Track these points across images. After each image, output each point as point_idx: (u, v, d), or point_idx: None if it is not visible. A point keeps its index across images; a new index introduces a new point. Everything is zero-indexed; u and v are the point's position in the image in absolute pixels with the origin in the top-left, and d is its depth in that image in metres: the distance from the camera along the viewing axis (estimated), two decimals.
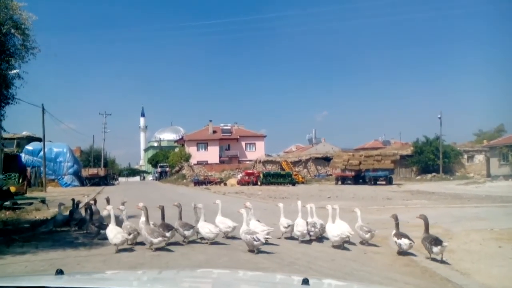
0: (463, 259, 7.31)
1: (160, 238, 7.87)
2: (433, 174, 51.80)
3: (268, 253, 7.92)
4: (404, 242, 7.54)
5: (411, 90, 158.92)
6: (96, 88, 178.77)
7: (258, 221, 8.86)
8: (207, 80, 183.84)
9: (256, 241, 7.65)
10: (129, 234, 8.13)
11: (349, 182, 44.65)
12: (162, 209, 8.88)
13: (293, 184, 43.94)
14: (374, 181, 42.28)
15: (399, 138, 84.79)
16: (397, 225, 7.90)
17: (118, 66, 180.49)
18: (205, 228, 8.45)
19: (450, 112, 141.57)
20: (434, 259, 7.19)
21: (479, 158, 55.13)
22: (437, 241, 7.10)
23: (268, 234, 8.37)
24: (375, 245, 8.73)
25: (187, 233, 8.60)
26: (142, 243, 8.41)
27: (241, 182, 45.59)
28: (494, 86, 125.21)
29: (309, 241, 9.09)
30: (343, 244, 8.39)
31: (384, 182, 42.21)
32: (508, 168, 46.06)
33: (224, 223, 9.02)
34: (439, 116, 54.62)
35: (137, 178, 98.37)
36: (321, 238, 9.21)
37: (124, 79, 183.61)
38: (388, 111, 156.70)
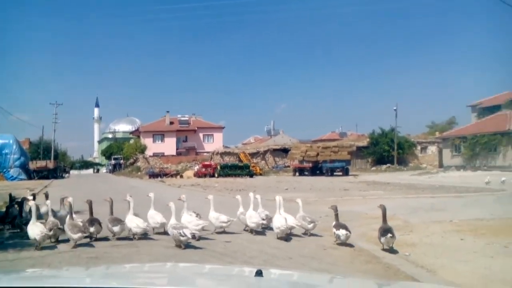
0: (426, 253, 6.93)
1: (79, 234, 7.43)
2: (388, 165, 52.65)
3: (219, 251, 7.29)
4: (341, 233, 7.56)
5: (367, 83, 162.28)
6: (49, 78, 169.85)
7: (197, 215, 8.51)
8: (164, 70, 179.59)
9: (183, 236, 7.21)
10: (50, 230, 7.61)
11: (306, 173, 44.70)
12: (90, 204, 8.45)
13: (251, 176, 43.49)
14: (331, 172, 42.50)
15: (355, 130, 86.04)
16: (336, 216, 7.93)
17: (71, 55, 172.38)
18: (132, 223, 8.07)
19: (405, 104, 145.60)
20: (393, 252, 6.81)
21: (432, 149, 56.51)
22: (384, 231, 7.00)
23: (203, 228, 8.19)
24: (317, 235, 8.69)
25: (115, 229, 8.07)
26: (81, 246, 7.64)
27: (198, 174, 44.65)
28: (446, 80, 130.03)
29: (262, 233, 8.84)
30: (287, 236, 8.36)
31: (340, 173, 42.48)
32: (460, 158, 47.54)
33: (152, 218, 8.62)
34: (394, 108, 55.67)
35: (90, 170, 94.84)
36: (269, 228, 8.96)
37: (78, 68, 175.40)
38: (345, 103, 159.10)
